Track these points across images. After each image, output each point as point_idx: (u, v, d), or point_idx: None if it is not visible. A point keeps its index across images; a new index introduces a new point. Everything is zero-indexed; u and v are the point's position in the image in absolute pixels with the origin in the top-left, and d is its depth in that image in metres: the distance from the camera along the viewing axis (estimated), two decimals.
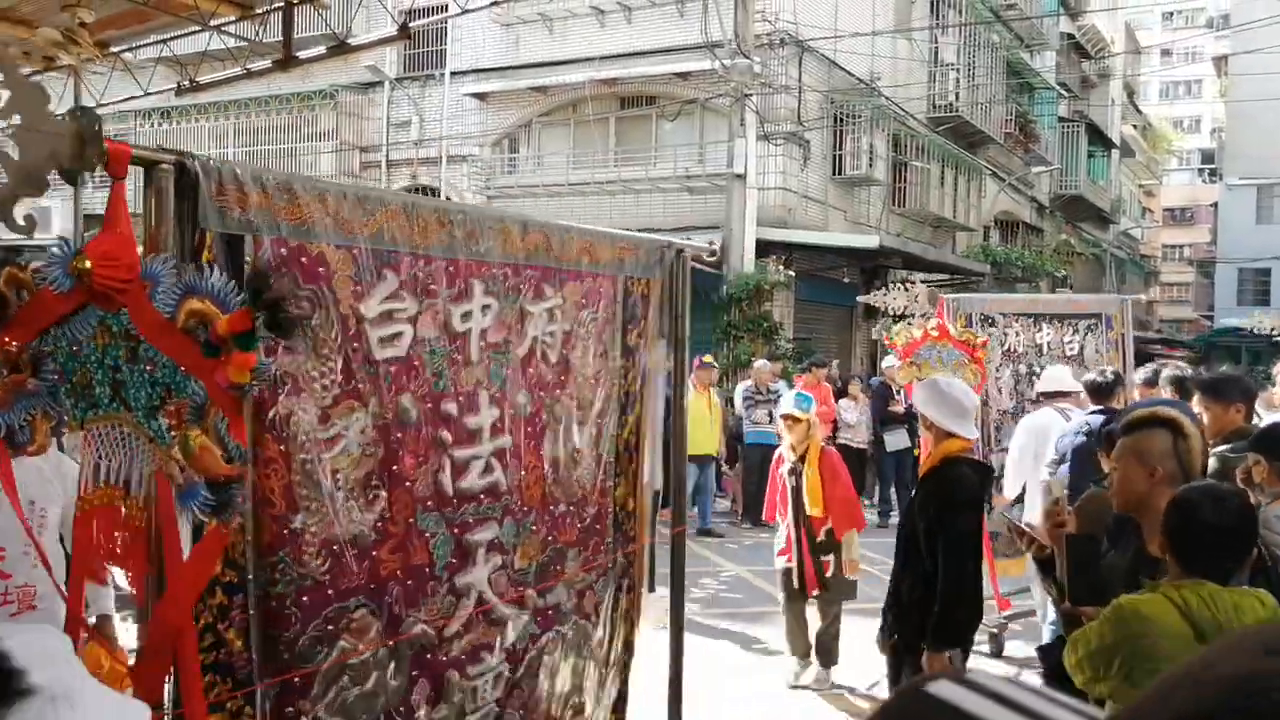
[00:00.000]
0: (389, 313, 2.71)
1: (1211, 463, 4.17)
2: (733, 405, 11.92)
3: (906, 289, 6.55)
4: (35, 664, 1.47)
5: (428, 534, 2.86)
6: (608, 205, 17.14)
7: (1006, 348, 7.10)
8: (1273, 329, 26.03)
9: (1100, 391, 6.06)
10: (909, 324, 6.39)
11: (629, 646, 3.86)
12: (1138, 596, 2.56)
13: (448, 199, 18.55)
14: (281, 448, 2.46)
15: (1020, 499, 6.27)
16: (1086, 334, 7.60)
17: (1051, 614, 5.19)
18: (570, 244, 3.34)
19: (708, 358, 11.39)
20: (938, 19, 20.69)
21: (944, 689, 0.64)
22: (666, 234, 4.24)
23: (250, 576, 2.41)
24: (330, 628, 2.56)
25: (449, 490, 2.92)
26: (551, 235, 3.24)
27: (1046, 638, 5.45)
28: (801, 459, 6.03)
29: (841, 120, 17.41)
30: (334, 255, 2.56)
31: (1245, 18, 32.32)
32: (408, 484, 2.79)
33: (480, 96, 18.28)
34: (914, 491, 4.56)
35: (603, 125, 17.54)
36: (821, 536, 5.99)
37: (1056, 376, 6.75)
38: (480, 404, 3.02)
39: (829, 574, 5.99)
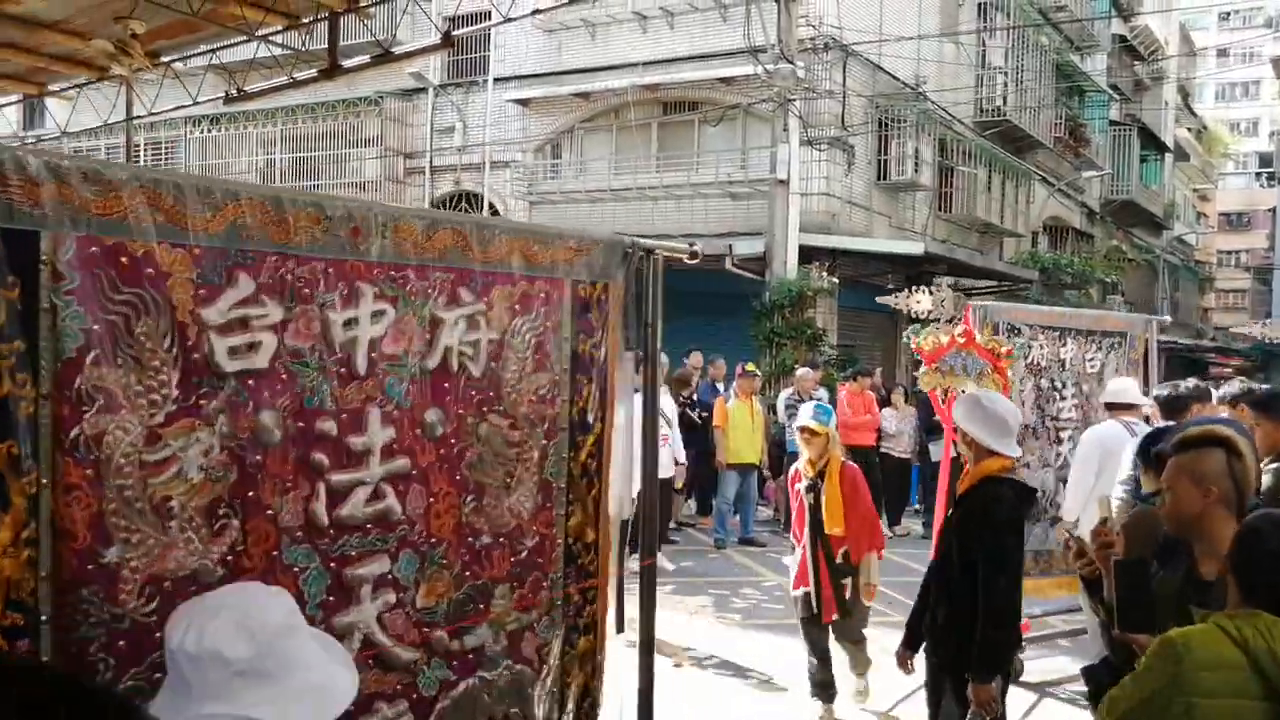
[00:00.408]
0: (243, 320, 2.39)
1: (1266, 479, 4.05)
2: (775, 413, 11.84)
3: (932, 292, 6.39)
4: (240, 638, 1.68)
5: (296, 569, 2.52)
6: (650, 211, 17.13)
7: (1030, 360, 6.95)
8: None
9: (1173, 406, 5.54)
10: (936, 329, 6.27)
11: (588, 695, 3.38)
12: (1188, 629, 2.47)
13: (491, 205, 18.67)
14: (89, 472, 2.16)
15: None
16: (1109, 352, 7.42)
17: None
18: (496, 242, 2.96)
19: (750, 365, 11.35)
20: (985, 21, 20.44)
21: None
22: (709, 239, 4.13)
23: (44, 618, 2.09)
24: (159, 675, 1.98)
25: (324, 520, 2.57)
26: (469, 233, 2.88)
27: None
28: (821, 475, 5.66)
29: (886, 125, 17.25)
30: (167, 255, 2.26)
31: None
32: (269, 513, 2.46)
33: (523, 102, 18.36)
34: (951, 510, 4.40)
35: (645, 131, 17.53)
36: (840, 558, 5.61)
37: (1122, 388, 6.43)
38: (369, 423, 2.67)
39: (846, 596, 5.62)
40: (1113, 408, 6.33)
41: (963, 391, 5.85)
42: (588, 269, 3.26)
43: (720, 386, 11.56)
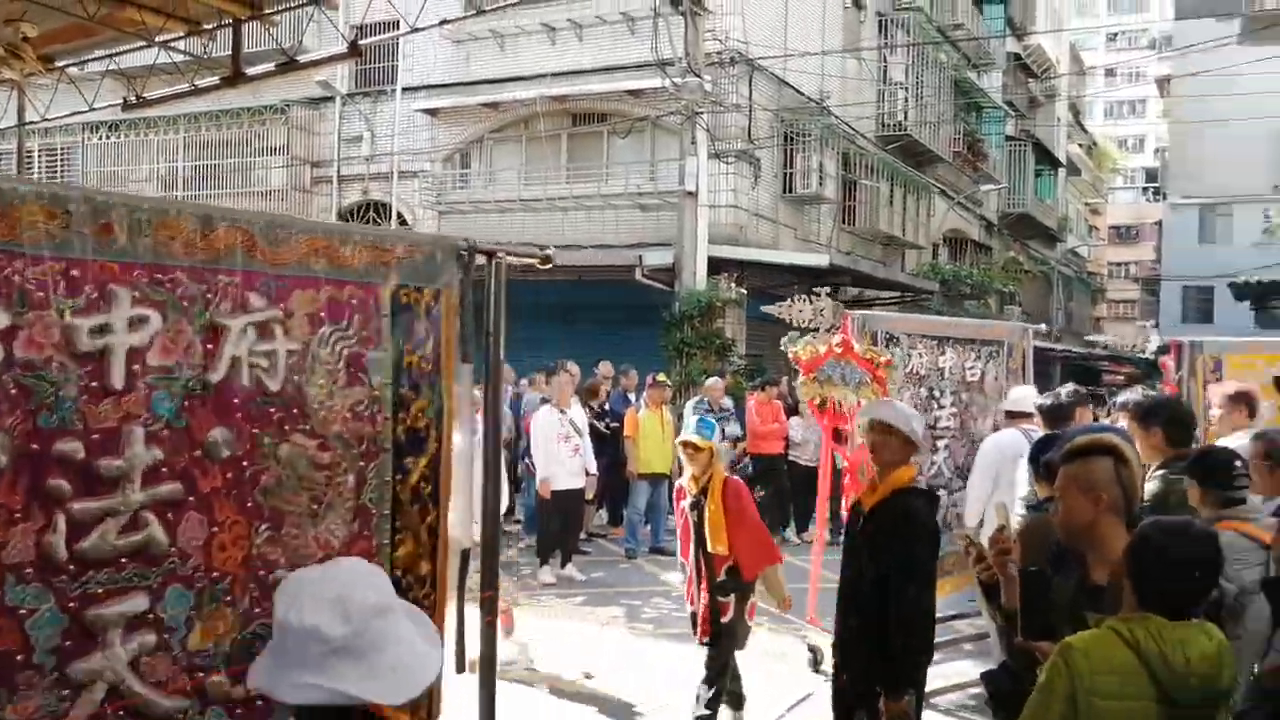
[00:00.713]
0: None
1: (1150, 487, 4.16)
2: (683, 422, 11.97)
3: (811, 301, 6.25)
4: (337, 618, 1.87)
5: (22, 610, 2.22)
6: (559, 221, 17.19)
7: (910, 369, 6.81)
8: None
9: (1055, 415, 5.59)
10: (814, 338, 6.17)
11: None
12: (1083, 635, 2.55)
13: (399, 215, 18.53)
14: None
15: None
16: (989, 360, 7.30)
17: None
18: (290, 243, 2.63)
19: (660, 376, 11.45)
20: (886, 39, 21.00)
21: None
22: (619, 250, 4.10)
23: None
24: None
25: (62, 554, 2.26)
26: (256, 232, 2.57)
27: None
28: (704, 491, 5.37)
29: (791, 139, 17.60)
30: None
31: (1186, 40, 33.14)
32: None
33: (431, 112, 18.27)
34: (858, 524, 4.19)
35: (555, 142, 17.59)
36: (722, 576, 5.31)
37: (1022, 396, 6.49)
38: (129, 443, 2.35)
39: (726, 618, 5.29)
40: (1013, 415, 6.45)
41: (858, 402, 5.94)
42: (414, 273, 2.95)
43: (631, 396, 11.66)
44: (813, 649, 6.71)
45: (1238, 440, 4.61)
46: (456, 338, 3.09)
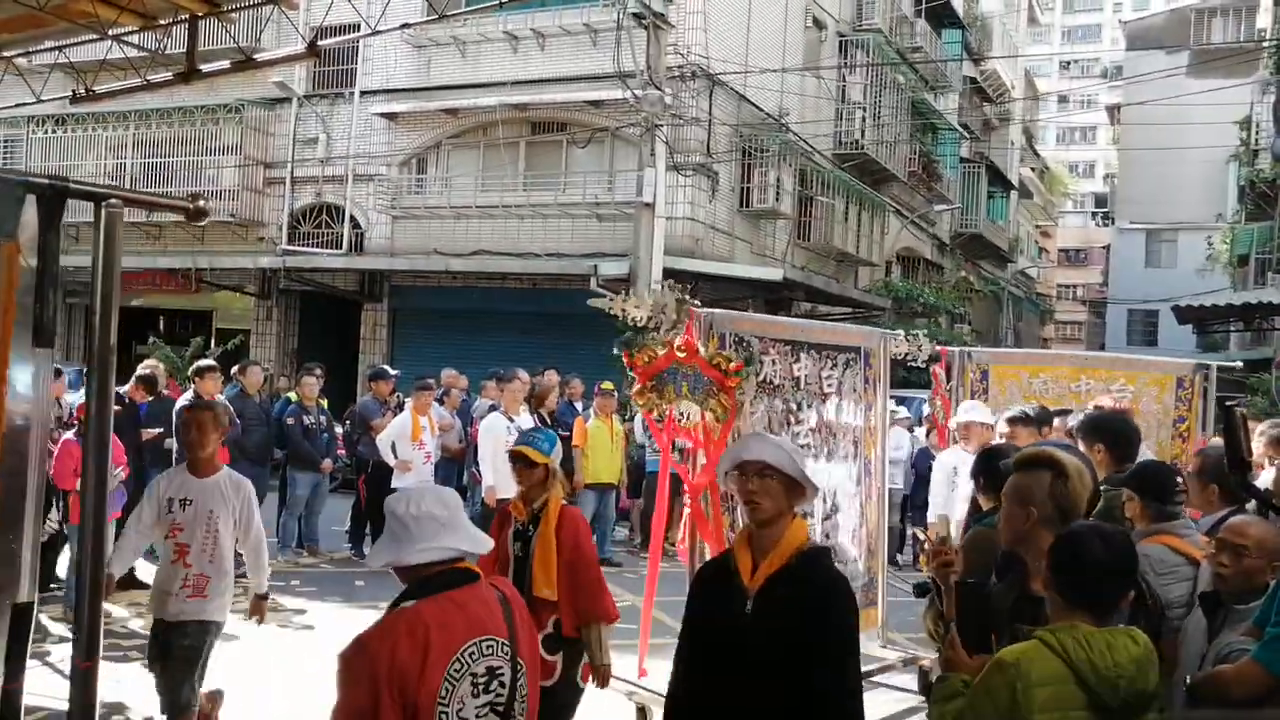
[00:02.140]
0: None
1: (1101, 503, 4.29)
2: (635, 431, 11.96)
3: (650, 293, 5.43)
4: (439, 505, 2.74)
5: None
6: (515, 229, 17.14)
7: (762, 378, 5.90)
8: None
9: (1027, 426, 5.67)
10: (654, 339, 5.36)
11: None
12: (1017, 648, 2.59)
13: (353, 218, 18.36)
14: None
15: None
16: (845, 369, 6.60)
17: None
18: None
19: (607, 384, 11.30)
20: (846, 58, 21.21)
21: None
22: (575, 259, 4.01)
23: None
24: None
25: None
26: None
27: None
28: (536, 520, 4.32)
29: (750, 154, 17.71)
30: None
31: (1136, 70, 33.87)
32: None
33: (389, 116, 18.15)
34: (734, 607, 3.02)
35: (513, 149, 17.56)
36: (549, 628, 4.22)
37: (972, 407, 6.60)
38: None
39: (549, 681, 4.07)
40: (964, 429, 6.61)
41: (703, 416, 5.35)
42: None
43: (578, 405, 11.59)
44: (642, 709, 5.44)
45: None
46: (14, 308, 2.39)
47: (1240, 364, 10.54)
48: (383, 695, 2.47)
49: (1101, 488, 4.35)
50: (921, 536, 3.53)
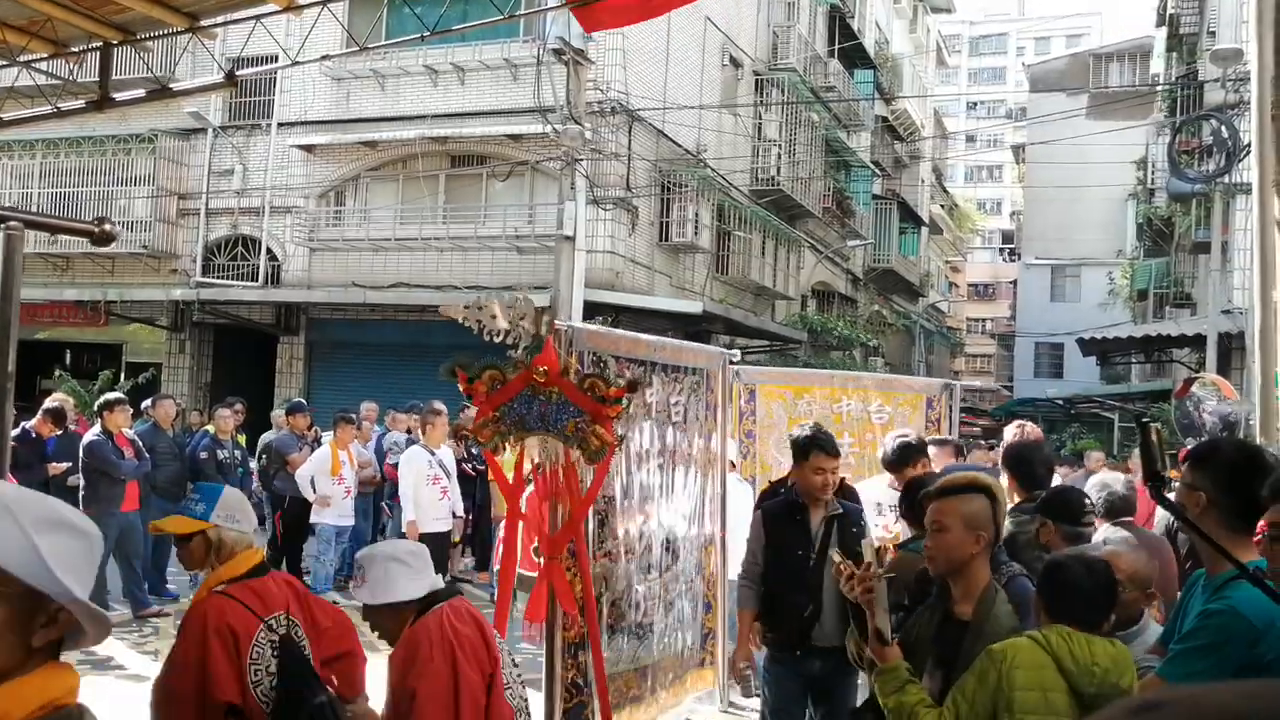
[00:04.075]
0: None
1: (1007, 527, 4.42)
2: None
3: (504, 299, 4.28)
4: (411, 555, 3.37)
5: None
6: (435, 261, 17.09)
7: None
8: (1057, 399, 27.93)
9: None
10: (510, 362, 4.23)
11: None
12: (1005, 641, 2.86)
13: (269, 250, 18.11)
14: None
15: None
16: (691, 394, 5.90)
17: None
18: None
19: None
20: (762, 96, 21.67)
21: None
22: (495, 292, 3.84)
23: None
24: None
25: None
26: None
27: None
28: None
29: (668, 189, 17.94)
30: None
31: (1040, 111, 35.11)
32: None
33: (307, 148, 17.99)
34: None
35: (433, 182, 17.53)
36: None
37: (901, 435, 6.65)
38: None
39: None
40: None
41: (567, 454, 4.26)
42: None
43: None
44: None
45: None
46: None
47: (978, 383, 10.67)
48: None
49: (1011, 515, 4.54)
50: (838, 559, 3.58)
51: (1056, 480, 5.95)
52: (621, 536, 5.30)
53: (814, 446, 4.80)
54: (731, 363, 6.76)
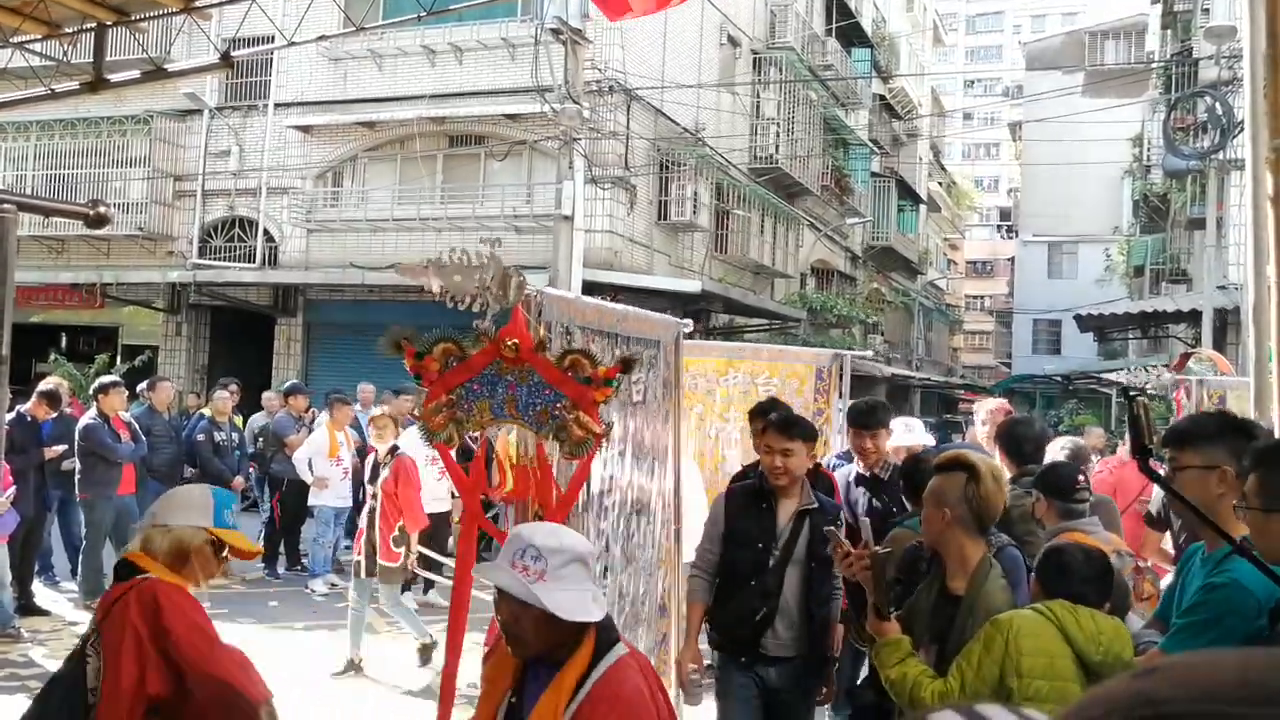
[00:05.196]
0: None
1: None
2: None
3: (466, 257, 3.49)
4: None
5: None
6: (433, 241, 17.04)
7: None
8: (1055, 375, 28.01)
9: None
10: (472, 334, 3.49)
11: None
12: (1009, 613, 2.95)
13: (266, 231, 18.08)
14: None
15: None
16: (650, 369, 4.92)
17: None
18: None
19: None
20: (760, 75, 21.60)
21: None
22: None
23: None
24: None
25: None
26: None
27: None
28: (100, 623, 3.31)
29: (667, 167, 17.91)
30: None
31: (1036, 89, 35.04)
32: None
33: (304, 129, 17.94)
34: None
35: (430, 162, 17.49)
36: None
37: (905, 425, 6.32)
38: None
39: None
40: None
41: (540, 446, 3.62)
42: None
43: None
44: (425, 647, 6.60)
45: None
46: None
47: (871, 353, 10.24)
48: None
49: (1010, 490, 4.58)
50: (832, 540, 3.62)
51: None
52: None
53: (757, 416, 4.50)
54: (686, 335, 5.65)
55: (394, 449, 7.36)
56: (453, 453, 3.64)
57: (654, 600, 5.15)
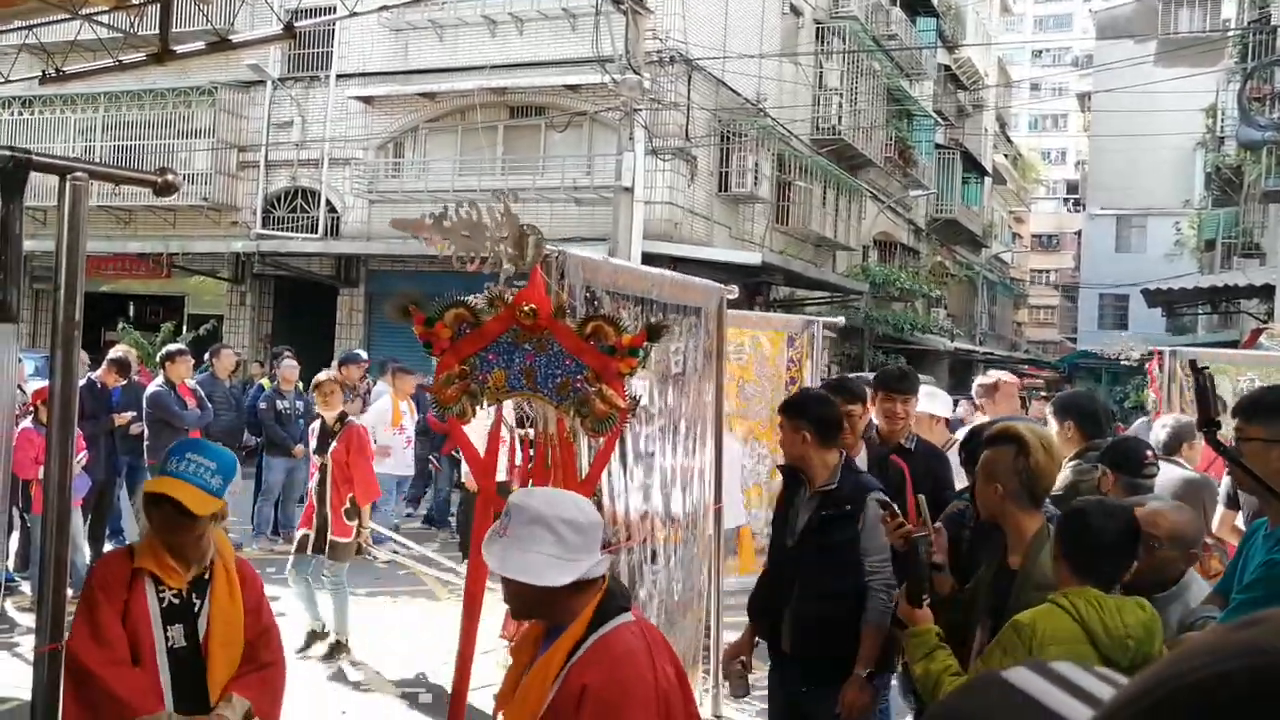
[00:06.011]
0: None
1: (1063, 475, 4.23)
2: None
3: (470, 215, 3.26)
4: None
5: None
6: None
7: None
8: (1118, 354, 27.38)
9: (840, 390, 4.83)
10: (488, 293, 3.27)
11: None
12: (1032, 611, 2.71)
13: (329, 202, 18.21)
14: None
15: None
16: (689, 335, 4.83)
17: None
18: None
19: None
20: (822, 45, 21.23)
21: (1021, 677, 0.65)
22: (554, 244, 3.26)
23: None
24: None
25: None
26: None
27: None
28: (197, 588, 3.10)
29: (728, 138, 17.70)
30: None
31: (1106, 59, 34.08)
32: None
33: (366, 100, 17.99)
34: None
35: (491, 133, 17.46)
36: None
37: (929, 393, 6.18)
38: None
39: None
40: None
41: (560, 422, 3.35)
42: None
43: None
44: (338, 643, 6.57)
45: None
46: None
47: (842, 320, 9.85)
48: None
49: (1071, 463, 4.43)
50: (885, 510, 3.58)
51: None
52: (621, 522, 4.08)
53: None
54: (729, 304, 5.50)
55: (343, 416, 7.14)
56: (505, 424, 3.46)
57: (693, 587, 4.88)
